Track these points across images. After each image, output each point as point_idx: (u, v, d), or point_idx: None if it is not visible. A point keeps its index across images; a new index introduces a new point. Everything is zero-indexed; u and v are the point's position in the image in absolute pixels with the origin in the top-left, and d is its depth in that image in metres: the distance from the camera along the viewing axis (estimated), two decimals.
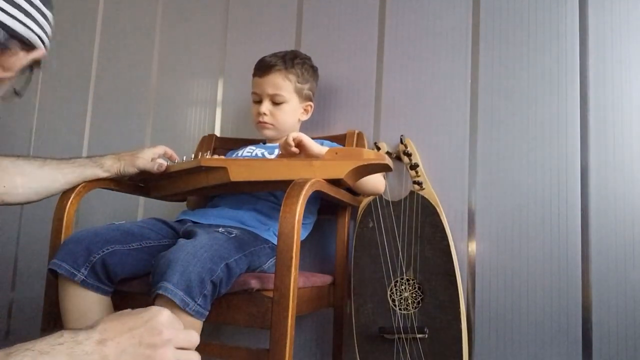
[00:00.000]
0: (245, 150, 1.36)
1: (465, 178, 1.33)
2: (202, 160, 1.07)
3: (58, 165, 1.08)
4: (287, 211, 0.88)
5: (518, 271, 1.25)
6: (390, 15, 1.49)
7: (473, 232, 1.30)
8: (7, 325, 1.80)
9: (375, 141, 1.42)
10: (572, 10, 1.29)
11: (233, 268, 0.93)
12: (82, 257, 0.97)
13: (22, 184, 1.01)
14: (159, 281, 0.86)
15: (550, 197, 1.24)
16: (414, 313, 1.22)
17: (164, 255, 0.91)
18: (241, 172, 1.03)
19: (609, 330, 1.16)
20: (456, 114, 1.36)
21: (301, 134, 1.07)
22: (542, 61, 1.30)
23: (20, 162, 1.03)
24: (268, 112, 1.30)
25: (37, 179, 1.04)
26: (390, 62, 1.47)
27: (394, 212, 1.31)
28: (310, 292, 1.15)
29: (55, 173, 1.07)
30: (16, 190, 1.00)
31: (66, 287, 0.98)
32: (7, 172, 0.99)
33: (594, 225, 1.20)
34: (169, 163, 1.17)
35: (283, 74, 1.30)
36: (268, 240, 1.14)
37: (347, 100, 1.50)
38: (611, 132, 1.22)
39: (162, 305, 0.87)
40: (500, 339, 1.24)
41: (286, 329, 0.86)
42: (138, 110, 1.76)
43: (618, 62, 1.24)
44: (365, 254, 1.30)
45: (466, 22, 1.39)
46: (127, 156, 1.16)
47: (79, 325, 0.98)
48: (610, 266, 1.18)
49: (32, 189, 1.04)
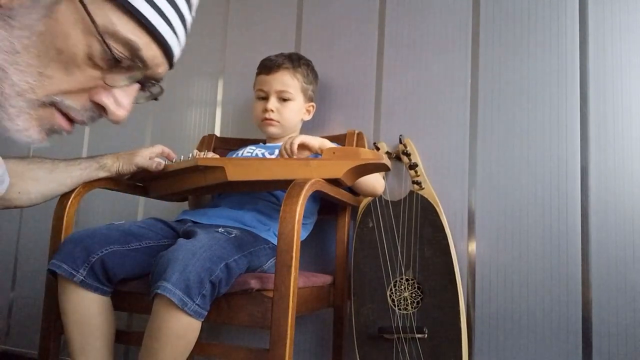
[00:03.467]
0: (246, 150, 1.36)
1: (465, 178, 1.33)
2: (199, 160, 1.07)
3: (66, 168, 1.09)
4: (287, 211, 0.88)
5: (518, 271, 1.25)
6: (390, 15, 1.49)
7: (473, 232, 1.30)
8: (7, 326, 1.80)
9: (375, 141, 1.42)
10: (572, 10, 1.29)
11: (233, 268, 0.93)
12: (81, 257, 0.97)
13: (35, 190, 1.04)
14: (158, 281, 0.87)
15: (550, 197, 1.24)
16: (414, 313, 1.22)
17: (163, 255, 0.91)
18: (238, 172, 1.04)
19: (609, 330, 1.16)
20: (456, 114, 1.36)
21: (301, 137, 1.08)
22: (542, 61, 1.30)
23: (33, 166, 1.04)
24: (275, 109, 1.31)
25: (47, 183, 1.06)
26: (390, 62, 1.47)
27: (394, 212, 1.31)
28: (310, 292, 1.15)
29: (64, 177, 1.08)
30: (28, 195, 1.03)
31: (65, 287, 0.98)
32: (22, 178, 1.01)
33: (594, 225, 1.20)
34: (167, 162, 1.17)
35: (291, 72, 1.32)
36: (268, 241, 1.14)
37: (347, 100, 1.50)
38: (611, 132, 1.22)
39: (160, 304, 0.87)
40: (500, 339, 1.24)
41: (286, 329, 0.86)
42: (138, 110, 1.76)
43: (618, 62, 1.24)
44: (365, 254, 1.30)
45: (466, 22, 1.39)
46: (125, 155, 1.17)
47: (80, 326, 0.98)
48: (610, 266, 1.18)
49: (41, 194, 1.06)
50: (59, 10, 0.48)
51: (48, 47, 0.49)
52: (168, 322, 0.87)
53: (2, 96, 0.49)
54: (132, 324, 1.62)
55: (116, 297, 1.03)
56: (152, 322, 0.89)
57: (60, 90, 0.51)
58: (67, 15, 0.49)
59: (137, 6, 0.50)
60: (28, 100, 0.50)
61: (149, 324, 0.90)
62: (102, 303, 1.00)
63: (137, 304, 1.04)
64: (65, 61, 0.50)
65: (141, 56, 0.53)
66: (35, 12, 0.48)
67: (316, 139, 1.11)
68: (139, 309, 1.04)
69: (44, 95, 0.51)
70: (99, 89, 0.54)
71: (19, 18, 0.47)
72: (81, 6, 0.48)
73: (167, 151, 1.21)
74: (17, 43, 0.48)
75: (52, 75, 0.50)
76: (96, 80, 0.53)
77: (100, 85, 0.53)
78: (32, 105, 0.51)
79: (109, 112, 0.55)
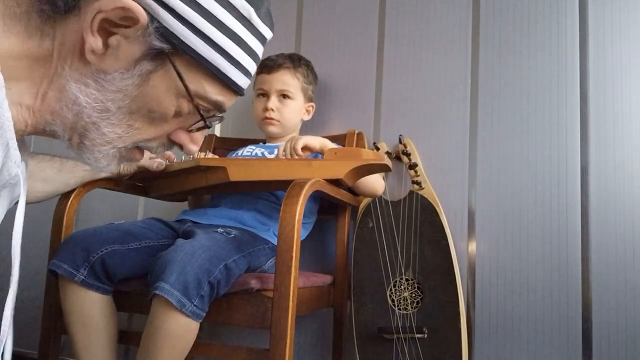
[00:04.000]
0: (245, 150, 1.36)
1: (465, 178, 1.33)
2: (201, 160, 1.07)
3: (72, 169, 1.09)
4: (287, 211, 0.88)
5: (518, 271, 1.25)
6: (390, 15, 1.49)
7: (473, 232, 1.30)
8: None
9: (375, 141, 1.42)
10: (572, 10, 1.29)
11: (232, 269, 0.93)
12: (81, 257, 0.97)
13: (41, 189, 1.04)
14: (156, 281, 0.87)
15: (550, 197, 1.24)
16: (413, 313, 1.22)
17: (161, 256, 0.91)
18: (240, 172, 1.04)
19: (609, 330, 1.16)
20: (456, 114, 1.36)
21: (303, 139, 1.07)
22: (542, 61, 1.30)
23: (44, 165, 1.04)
24: (275, 107, 1.31)
25: (54, 183, 1.07)
26: (390, 62, 1.47)
27: (394, 212, 1.31)
28: (310, 292, 1.15)
29: (69, 177, 1.09)
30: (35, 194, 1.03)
31: (66, 287, 0.98)
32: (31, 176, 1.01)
33: (594, 225, 1.20)
34: (167, 163, 1.17)
35: (292, 72, 1.33)
36: (268, 241, 1.14)
37: (347, 100, 1.50)
38: (611, 132, 1.22)
39: (158, 305, 0.87)
40: (500, 339, 1.24)
41: (286, 329, 0.86)
42: None
43: (618, 62, 1.23)
44: (365, 254, 1.30)
45: (466, 22, 1.39)
46: None
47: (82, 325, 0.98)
48: (610, 266, 1.17)
49: (47, 193, 1.06)
50: (154, 77, 0.53)
51: (140, 107, 0.54)
52: (166, 323, 0.87)
53: (92, 143, 0.54)
54: (132, 323, 1.61)
55: (116, 297, 1.03)
56: (150, 322, 0.89)
57: (146, 139, 0.58)
58: (162, 82, 0.53)
59: (226, 73, 0.55)
60: (116, 147, 0.56)
61: (147, 325, 0.90)
62: (104, 302, 1.00)
63: (137, 304, 1.04)
64: (155, 117, 0.55)
65: (224, 108, 0.59)
66: (132, 79, 0.52)
67: (317, 139, 1.11)
68: (139, 309, 1.04)
69: (132, 143, 0.57)
70: (178, 131, 0.60)
71: (114, 82, 0.51)
72: (176, 76, 0.53)
73: (167, 153, 1.21)
74: (110, 105, 0.52)
75: (140, 127, 0.56)
76: (177, 125, 0.59)
77: (179, 128, 0.59)
78: (119, 150, 0.56)
79: (186, 149, 0.61)
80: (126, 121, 0.54)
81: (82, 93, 0.51)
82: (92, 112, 0.52)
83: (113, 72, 0.51)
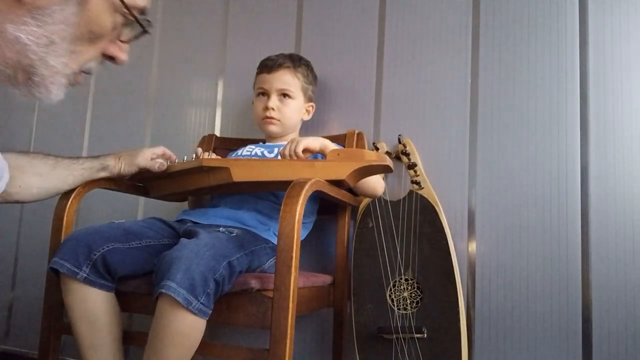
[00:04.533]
0: (245, 150, 1.36)
1: (465, 178, 1.33)
2: (204, 161, 1.07)
3: (68, 166, 1.09)
4: (287, 211, 0.88)
5: (518, 271, 1.25)
6: (390, 15, 1.49)
7: (473, 232, 1.30)
8: (7, 325, 1.80)
9: (375, 141, 1.42)
10: (572, 11, 1.29)
11: (235, 266, 0.94)
12: (83, 255, 0.97)
13: (38, 185, 1.04)
14: (162, 280, 0.86)
15: (550, 197, 1.24)
16: (413, 313, 1.22)
17: (166, 255, 0.91)
18: (243, 173, 1.04)
19: (609, 330, 1.16)
20: (456, 114, 1.36)
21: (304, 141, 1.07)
22: (542, 61, 1.30)
23: (36, 162, 1.05)
24: (276, 107, 1.32)
25: (50, 179, 1.07)
26: (390, 62, 1.47)
27: (393, 212, 1.31)
28: (310, 292, 1.15)
29: (67, 174, 1.09)
30: (30, 190, 1.03)
31: (69, 285, 0.98)
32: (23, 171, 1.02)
33: (594, 225, 1.20)
34: (168, 164, 1.17)
35: (292, 72, 1.33)
36: (268, 240, 1.14)
37: (347, 100, 1.50)
38: (611, 132, 1.22)
39: (165, 304, 0.87)
40: (500, 339, 1.24)
41: (286, 329, 0.86)
42: (138, 110, 1.76)
43: (618, 62, 1.24)
44: (364, 254, 1.30)
45: (466, 22, 1.39)
46: (127, 155, 1.16)
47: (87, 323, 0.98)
48: (610, 266, 1.18)
49: (44, 189, 1.06)
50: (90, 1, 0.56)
51: (82, 32, 0.57)
52: (173, 322, 0.87)
53: (42, 78, 0.57)
54: (133, 323, 1.62)
55: (117, 296, 1.03)
56: (156, 321, 0.89)
57: (88, 59, 0.61)
58: (98, 3, 0.57)
59: None
60: (65, 74, 0.59)
61: (153, 324, 0.90)
62: (107, 299, 1.00)
63: (137, 304, 1.04)
64: (94, 37, 0.59)
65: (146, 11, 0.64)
66: (68, 8, 0.55)
67: (317, 140, 1.11)
68: (140, 309, 1.04)
69: (77, 67, 0.60)
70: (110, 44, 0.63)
71: (54, 15, 0.54)
72: None
73: (168, 154, 1.20)
74: (55, 37, 0.55)
75: (82, 50, 0.59)
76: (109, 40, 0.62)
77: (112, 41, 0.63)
78: (67, 77, 0.60)
79: (119, 61, 0.65)
80: (69, 48, 0.57)
81: (22, 32, 0.53)
82: (37, 49, 0.54)
83: (51, 6, 0.54)
